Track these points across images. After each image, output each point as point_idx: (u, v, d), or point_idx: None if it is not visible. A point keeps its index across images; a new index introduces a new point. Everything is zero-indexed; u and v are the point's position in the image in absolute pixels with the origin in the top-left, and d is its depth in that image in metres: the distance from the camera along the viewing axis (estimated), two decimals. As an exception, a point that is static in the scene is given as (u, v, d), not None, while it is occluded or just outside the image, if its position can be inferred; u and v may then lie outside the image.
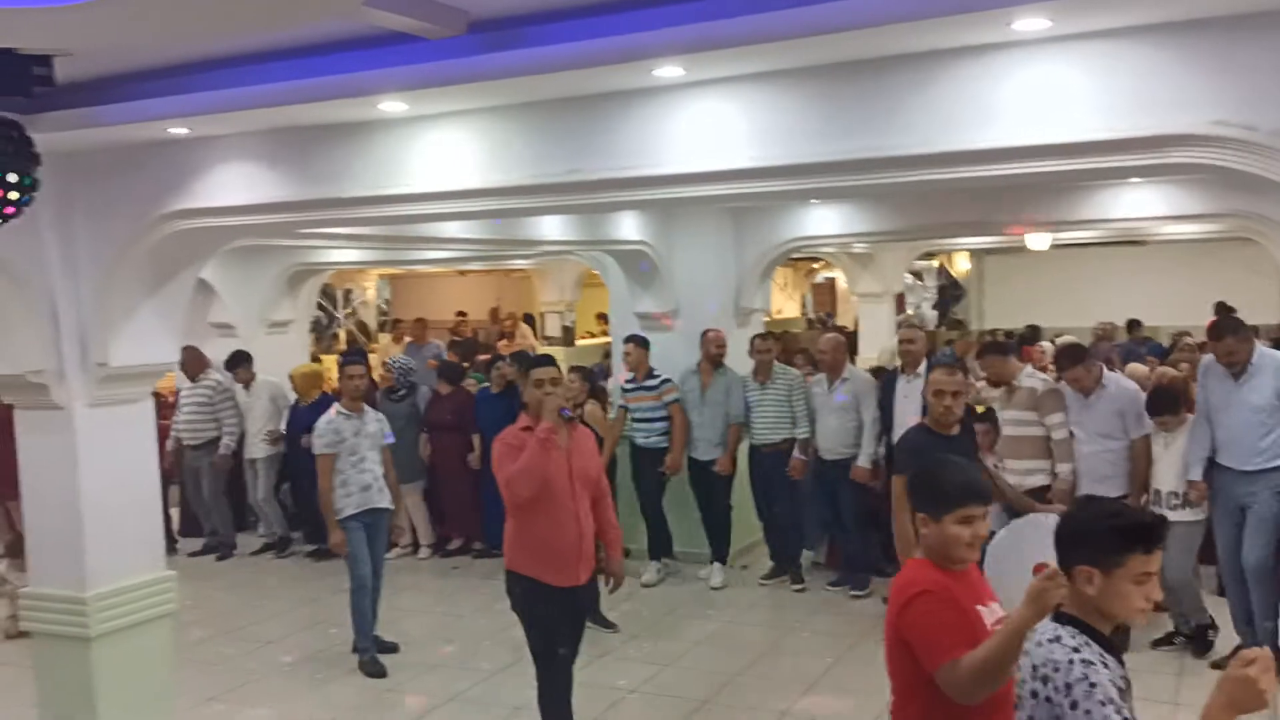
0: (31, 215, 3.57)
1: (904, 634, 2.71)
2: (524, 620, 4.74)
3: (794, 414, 7.58)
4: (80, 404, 4.20)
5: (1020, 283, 17.25)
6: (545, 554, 4.59)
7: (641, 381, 7.94)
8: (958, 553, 2.75)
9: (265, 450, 9.04)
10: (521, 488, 4.43)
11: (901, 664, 2.77)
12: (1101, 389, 6.11)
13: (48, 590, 4.29)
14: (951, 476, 2.81)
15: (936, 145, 2.92)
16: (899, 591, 2.77)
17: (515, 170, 3.51)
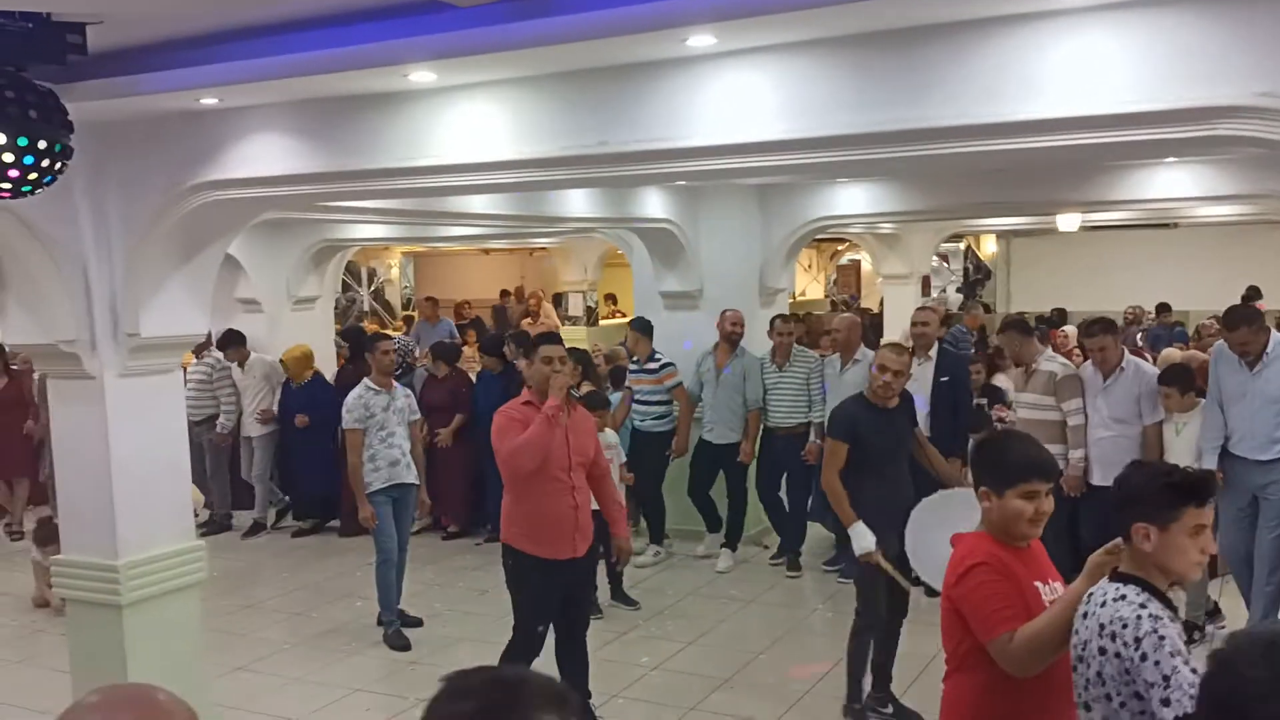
0: (65, 185, 3.59)
1: (958, 605, 2.73)
2: (514, 592, 4.88)
3: (811, 397, 7.53)
4: (111, 374, 4.23)
5: (1048, 266, 17.07)
6: (540, 528, 4.69)
7: (643, 365, 7.93)
8: (1019, 528, 2.75)
9: (260, 429, 9.09)
10: (526, 460, 4.54)
11: (956, 635, 2.79)
12: (1121, 372, 6.09)
13: (80, 558, 4.33)
14: (1017, 451, 2.82)
15: (975, 117, 2.87)
16: (956, 564, 2.78)
17: (544, 142, 3.49)
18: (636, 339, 8.00)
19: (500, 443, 4.64)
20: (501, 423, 4.67)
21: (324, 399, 8.88)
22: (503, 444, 4.61)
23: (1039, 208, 9.39)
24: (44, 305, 4.14)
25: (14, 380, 9.51)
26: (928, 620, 5.47)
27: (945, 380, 6.89)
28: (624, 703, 5.49)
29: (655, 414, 7.84)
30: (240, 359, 9.13)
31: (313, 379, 9.03)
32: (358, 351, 9.29)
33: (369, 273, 17.42)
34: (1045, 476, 2.78)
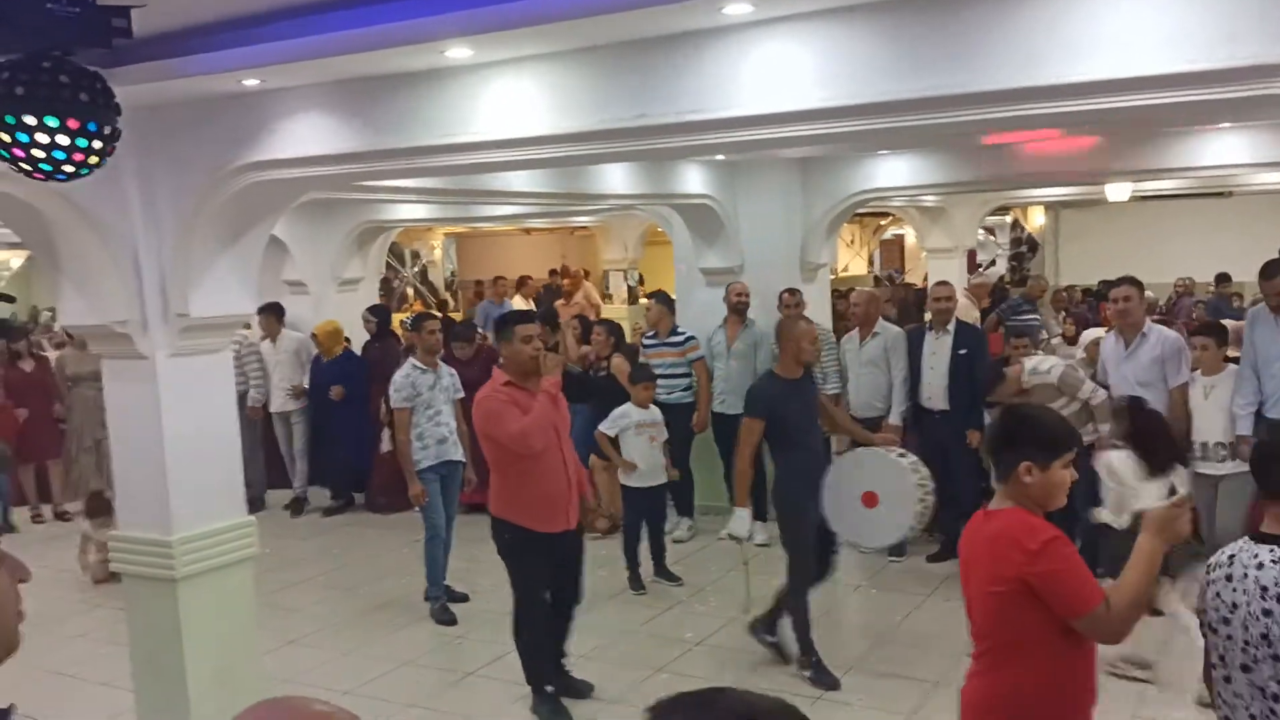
0: (114, 168, 3.64)
1: (1037, 583, 2.60)
2: (510, 565, 4.99)
3: (824, 370, 7.52)
4: (162, 354, 4.30)
5: (1097, 237, 16.75)
6: (539, 503, 4.81)
7: (664, 338, 7.95)
8: (1059, 498, 2.73)
9: (293, 404, 9.20)
10: (536, 440, 4.67)
11: (1010, 618, 2.67)
12: (1143, 338, 6.05)
13: (136, 534, 4.43)
14: (1057, 423, 2.84)
15: (1019, 81, 2.81)
16: (1015, 543, 2.64)
17: (581, 116, 3.49)
18: (660, 314, 8.04)
19: (497, 426, 4.71)
20: (494, 407, 4.73)
21: (355, 373, 9.02)
22: (501, 428, 4.69)
23: (1088, 177, 9.22)
24: (97, 287, 4.22)
25: (41, 365, 9.71)
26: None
27: (964, 353, 6.94)
28: (668, 677, 5.52)
29: (681, 386, 7.86)
30: (273, 333, 9.26)
31: (343, 354, 9.16)
32: (385, 327, 9.38)
33: (412, 254, 17.55)
34: (1079, 445, 2.83)
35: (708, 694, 1.19)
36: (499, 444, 4.76)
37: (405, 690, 5.46)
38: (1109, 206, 14.50)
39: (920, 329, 7.35)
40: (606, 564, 7.38)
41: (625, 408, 7.01)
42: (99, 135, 3.20)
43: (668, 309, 8.09)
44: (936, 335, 7.08)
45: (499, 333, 5.04)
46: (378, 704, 5.29)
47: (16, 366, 9.51)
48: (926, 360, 7.06)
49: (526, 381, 4.80)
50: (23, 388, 9.34)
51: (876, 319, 7.43)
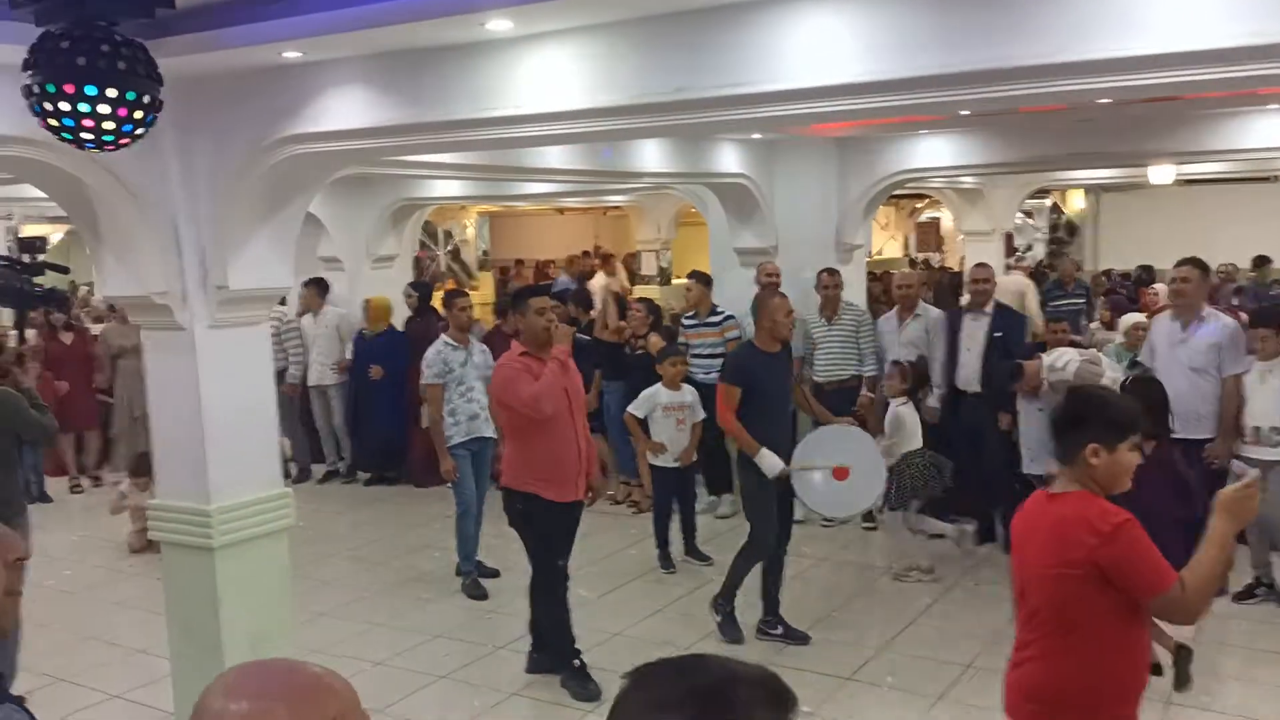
0: (155, 140, 3.67)
1: (1110, 566, 2.59)
2: (523, 534, 5.13)
3: (861, 351, 7.45)
4: (201, 325, 4.33)
5: (1138, 222, 16.49)
6: (551, 471, 4.94)
7: (704, 318, 7.93)
8: (1124, 480, 2.74)
9: (335, 378, 9.27)
10: (547, 405, 4.82)
11: (1075, 601, 2.66)
12: (1200, 322, 5.93)
13: (174, 503, 4.48)
14: (1124, 405, 2.85)
15: (1067, 55, 2.75)
16: (1087, 526, 2.62)
17: (620, 90, 3.46)
18: (701, 294, 8.00)
19: (511, 392, 4.89)
20: (509, 374, 4.93)
21: (397, 349, 9.08)
22: (514, 392, 4.86)
23: (1130, 158, 9.08)
24: (137, 258, 4.25)
25: (80, 336, 9.87)
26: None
27: (1000, 336, 6.89)
28: (699, 654, 5.53)
29: (720, 365, 7.82)
30: (315, 307, 9.34)
31: (387, 330, 9.23)
32: (426, 303, 9.43)
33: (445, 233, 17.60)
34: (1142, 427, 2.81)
35: (688, 660, 1.20)
36: (512, 409, 4.94)
37: (436, 662, 5.51)
38: (1150, 190, 14.27)
39: (959, 312, 7.28)
40: (636, 543, 7.41)
41: (654, 389, 7.01)
42: (141, 106, 3.23)
43: (707, 289, 8.05)
44: (974, 317, 7.02)
45: (515, 306, 5.29)
46: (409, 675, 5.34)
47: (57, 339, 9.67)
48: (963, 342, 7.01)
49: (541, 352, 4.97)
50: (63, 360, 9.50)
51: (918, 301, 7.38)
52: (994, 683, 4.99)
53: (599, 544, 7.42)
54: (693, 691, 1.14)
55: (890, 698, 4.96)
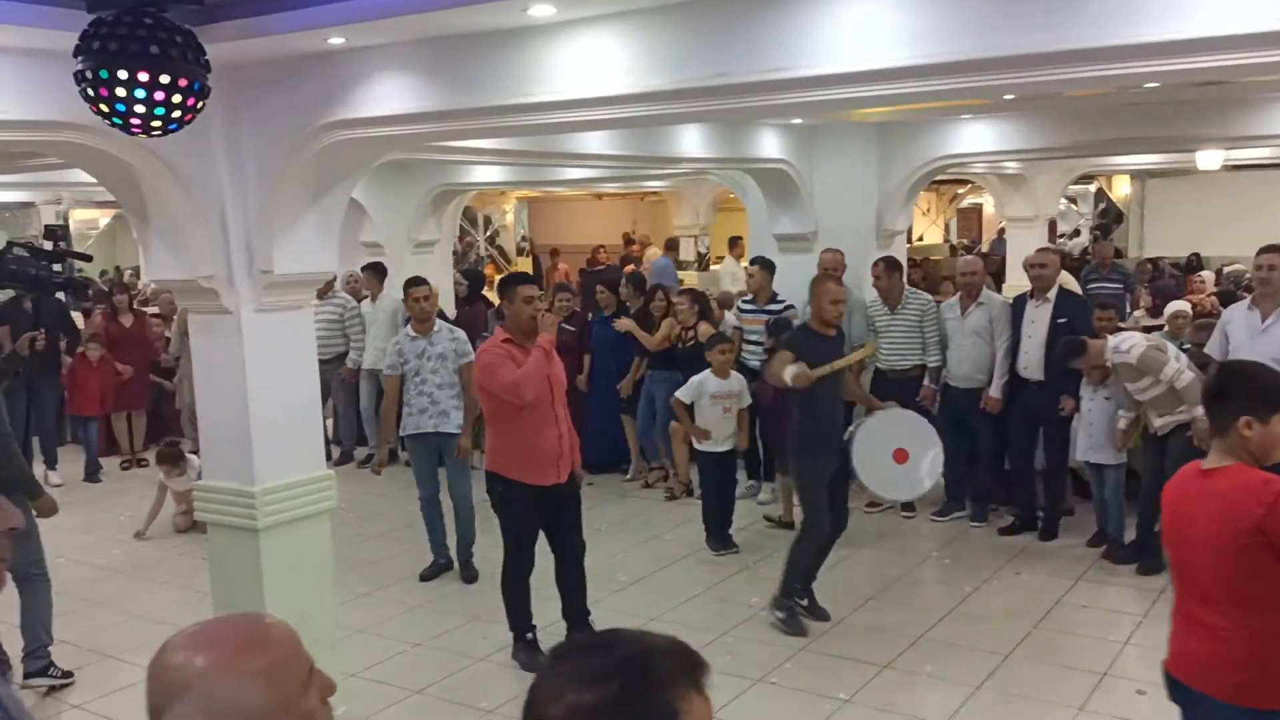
0: (203, 126, 3.72)
1: (1276, 531, 2.67)
2: (501, 516, 5.19)
3: (925, 340, 7.38)
4: (247, 309, 4.41)
5: (1185, 208, 16.18)
6: (529, 456, 5.01)
7: (762, 305, 7.86)
8: (1278, 452, 2.79)
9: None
10: (529, 391, 4.88)
11: (1249, 571, 2.74)
12: None
13: (220, 484, 4.56)
14: (1275, 378, 2.90)
15: (1115, 38, 2.71)
16: (1251, 494, 2.71)
17: (661, 75, 3.46)
18: (762, 280, 7.87)
19: (492, 378, 4.95)
20: (491, 360, 4.99)
21: None
22: (496, 378, 4.92)
23: (1178, 143, 8.91)
24: (184, 242, 4.33)
25: (139, 319, 10.10)
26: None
27: (1063, 321, 6.79)
28: (733, 640, 5.54)
29: None
30: (375, 292, 9.43)
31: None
32: (475, 290, 9.48)
33: (484, 219, 17.68)
34: None
35: (605, 634, 1.25)
36: (493, 395, 4.99)
37: (474, 645, 5.56)
38: (1198, 176, 14.01)
39: (1022, 298, 7.17)
40: (672, 529, 7.43)
41: (703, 376, 7.01)
42: (190, 92, 3.27)
43: (770, 275, 7.90)
44: (1037, 304, 6.91)
45: (502, 293, 5.32)
46: (450, 656, 5.40)
47: (117, 321, 9.90)
48: (1025, 329, 6.89)
49: (526, 340, 5.02)
50: (121, 341, 9.72)
51: (981, 288, 7.29)
52: (1034, 672, 5.01)
53: (635, 529, 7.46)
54: (612, 663, 1.19)
55: (929, 686, 4.95)
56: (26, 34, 3.44)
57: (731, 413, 6.99)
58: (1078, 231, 17.76)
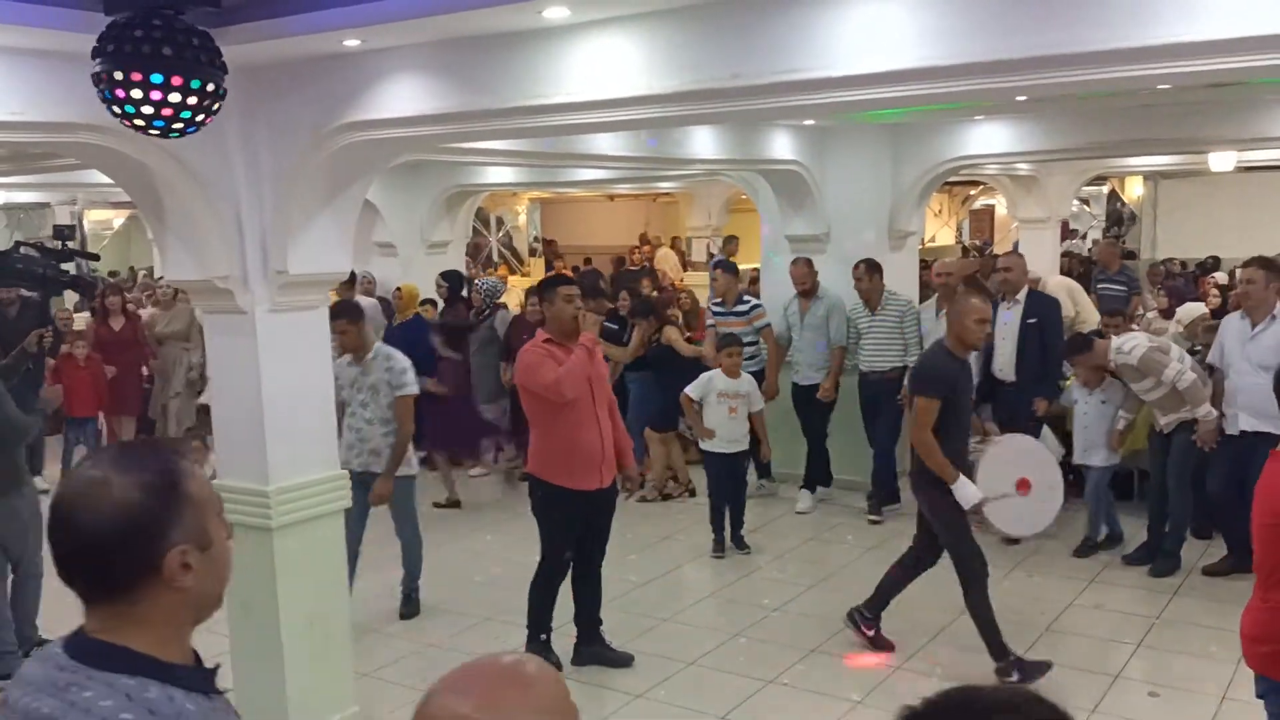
0: (219, 127, 3.75)
1: None
2: (541, 522, 5.14)
3: (905, 341, 7.41)
4: (262, 309, 4.42)
5: (1198, 210, 16.12)
6: (573, 459, 4.96)
7: (731, 307, 8.01)
8: None
9: None
10: (569, 389, 4.83)
11: None
12: (1272, 320, 5.81)
13: (234, 483, 4.57)
14: None
15: (1128, 40, 2.71)
16: None
17: (675, 76, 3.47)
18: (728, 283, 8.07)
19: (533, 377, 4.90)
20: (532, 360, 4.94)
21: (420, 338, 9.16)
22: (538, 377, 4.88)
23: (1190, 145, 8.88)
24: (200, 243, 4.35)
25: (131, 322, 9.88)
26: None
27: (1033, 322, 6.86)
28: (746, 642, 5.55)
29: (745, 354, 7.85)
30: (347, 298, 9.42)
31: (413, 318, 9.31)
32: (456, 292, 9.50)
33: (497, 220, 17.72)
34: None
35: (960, 697, 1.22)
36: (534, 395, 4.95)
37: (488, 645, 5.58)
38: (1210, 177, 13.95)
39: (994, 300, 7.20)
40: (683, 529, 7.44)
41: (712, 374, 7.02)
42: (207, 94, 3.30)
43: (734, 278, 8.15)
44: (1007, 306, 6.97)
45: (543, 294, 5.26)
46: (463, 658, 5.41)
47: (107, 324, 9.65)
48: (998, 331, 6.97)
49: (567, 339, 4.98)
50: (111, 345, 9.48)
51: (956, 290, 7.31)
52: (1047, 673, 4.99)
53: (645, 530, 7.47)
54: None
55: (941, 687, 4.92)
56: (44, 36, 3.46)
57: (739, 414, 6.95)
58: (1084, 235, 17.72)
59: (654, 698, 4.94)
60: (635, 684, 5.07)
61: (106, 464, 1.48)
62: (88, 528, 1.43)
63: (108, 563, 1.44)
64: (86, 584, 1.47)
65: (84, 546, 1.44)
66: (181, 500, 1.47)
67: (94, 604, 1.47)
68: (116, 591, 1.45)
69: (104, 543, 1.43)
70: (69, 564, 1.46)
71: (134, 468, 1.46)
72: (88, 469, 1.49)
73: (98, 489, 1.44)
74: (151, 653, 1.45)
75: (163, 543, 1.45)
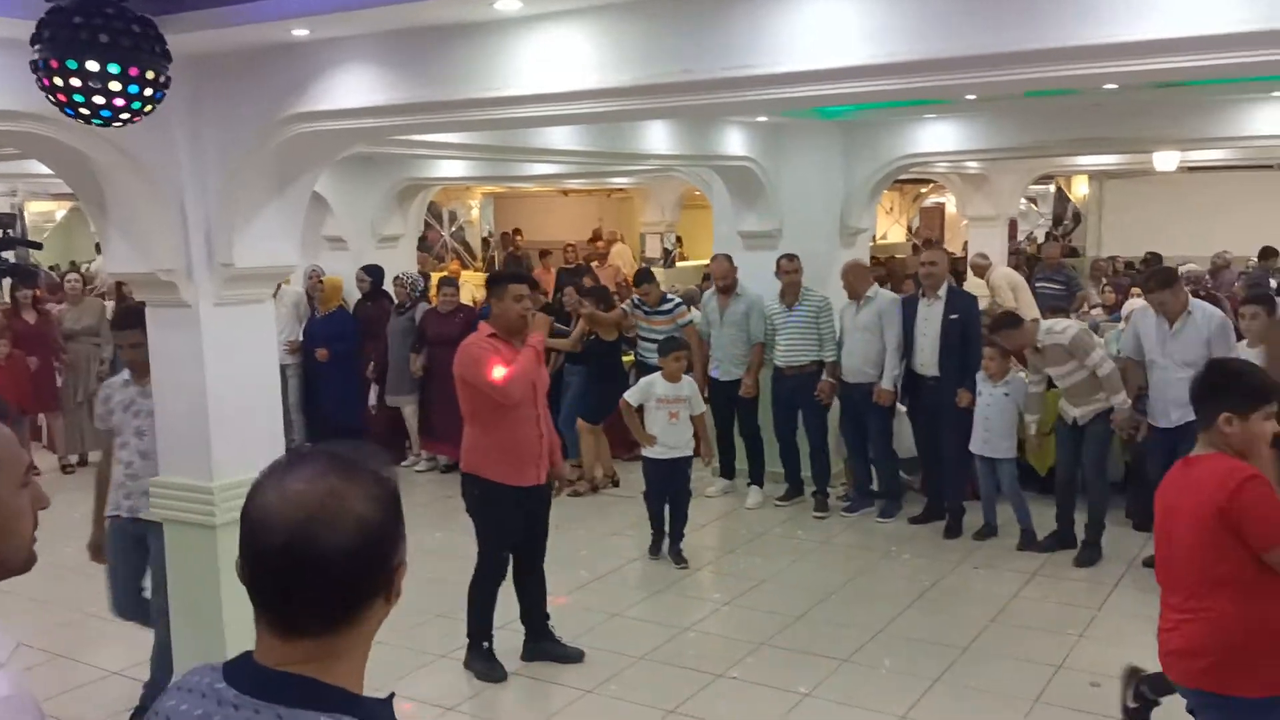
0: (163, 116, 3.67)
1: (1236, 517, 2.78)
2: (477, 521, 5.07)
3: (821, 337, 7.49)
4: (206, 303, 4.35)
5: (1142, 209, 16.49)
6: (511, 456, 4.91)
7: (655, 307, 8.21)
8: (1259, 448, 2.88)
9: (290, 359, 9.18)
10: (516, 390, 4.80)
11: (1214, 557, 2.84)
12: (1188, 316, 6.01)
13: (177, 479, 4.50)
14: (1259, 376, 3.00)
15: (1074, 39, 2.76)
16: (1216, 482, 2.82)
17: (627, 70, 3.47)
18: (648, 287, 8.34)
19: (477, 372, 4.81)
20: (477, 354, 4.85)
21: (346, 330, 9.12)
22: (482, 373, 4.79)
23: (1135, 144, 9.07)
24: (143, 235, 4.27)
25: (43, 317, 9.65)
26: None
27: (955, 318, 6.98)
28: (695, 636, 5.57)
29: None
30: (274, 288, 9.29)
31: (337, 310, 9.25)
32: (378, 286, 9.44)
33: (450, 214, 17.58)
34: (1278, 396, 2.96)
35: None
36: (477, 390, 4.84)
37: (435, 642, 5.53)
38: (1154, 177, 14.26)
39: (914, 296, 7.32)
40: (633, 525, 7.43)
41: (652, 378, 6.79)
42: (151, 82, 3.24)
43: (654, 285, 8.40)
44: (929, 302, 7.08)
45: (491, 290, 5.19)
46: (409, 654, 5.37)
47: (20, 317, 9.43)
48: (920, 327, 7.07)
49: (513, 338, 4.91)
50: (26, 339, 9.27)
51: (867, 287, 7.39)
52: (991, 665, 5.07)
53: (596, 527, 7.46)
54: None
55: (888, 680, 4.99)
56: (-19, 21, 3.38)
57: (680, 419, 6.66)
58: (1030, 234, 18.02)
59: (604, 693, 4.94)
60: (585, 679, 5.06)
61: (325, 472, 1.29)
62: (331, 549, 1.25)
63: (353, 586, 1.28)
64: (316, 612, 1.28)
65: (325, 569, 1.26)
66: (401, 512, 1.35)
67: (306, 636, 1.28)
68: (348, 619, 1.29)
69: (350, 565, 1.27)
70: (299, 591, 1.27)
71: (358, 477, 1.30)
72: (299, 479, 1.29)
73: (335, 504, 1.26)
74: (347, 685, 1.30)
75: (395, 559, 1.32)
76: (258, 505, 1.29)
